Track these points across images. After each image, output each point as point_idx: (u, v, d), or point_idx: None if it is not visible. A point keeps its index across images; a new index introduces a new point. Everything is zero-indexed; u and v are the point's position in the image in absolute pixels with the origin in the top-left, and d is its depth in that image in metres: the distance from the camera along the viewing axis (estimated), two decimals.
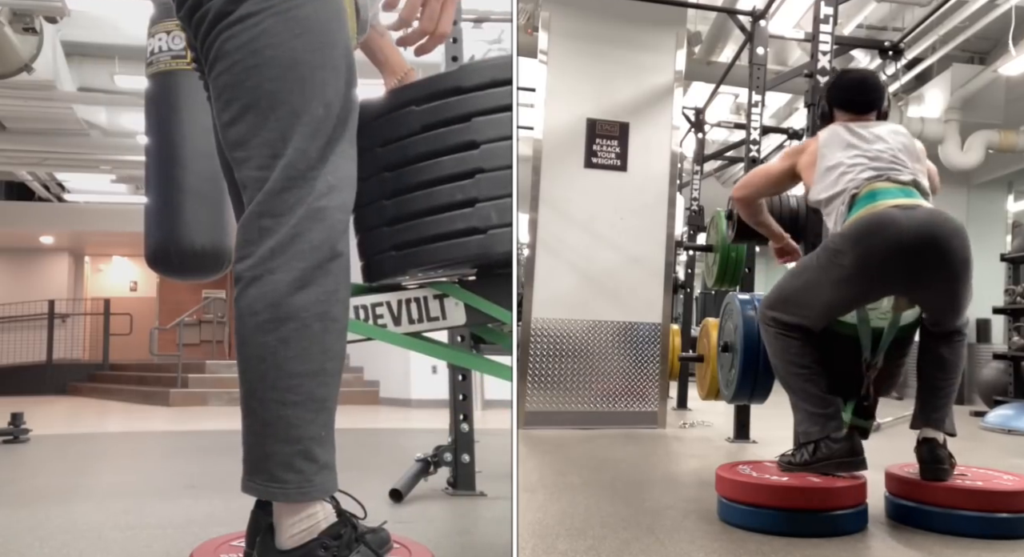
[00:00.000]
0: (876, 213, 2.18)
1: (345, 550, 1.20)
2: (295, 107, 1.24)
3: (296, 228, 1.22)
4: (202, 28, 1.28)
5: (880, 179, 2.28)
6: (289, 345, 1.21)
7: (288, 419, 1.21)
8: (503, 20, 5.50)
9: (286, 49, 1.23)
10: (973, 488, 2.11)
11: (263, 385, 1.22)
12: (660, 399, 4.62)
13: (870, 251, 2.15)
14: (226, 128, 1.28)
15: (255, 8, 1.23)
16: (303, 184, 1.23)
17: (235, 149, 1.27)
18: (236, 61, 1.24)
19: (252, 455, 1.25)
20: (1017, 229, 7.01)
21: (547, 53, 4.57)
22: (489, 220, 1.42)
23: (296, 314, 1.22)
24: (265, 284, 1.22)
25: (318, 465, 1.24)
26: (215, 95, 1.30)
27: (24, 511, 2.48)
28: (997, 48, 6.77)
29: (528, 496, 2.51)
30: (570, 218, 4.56)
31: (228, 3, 1.24)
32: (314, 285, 1.23)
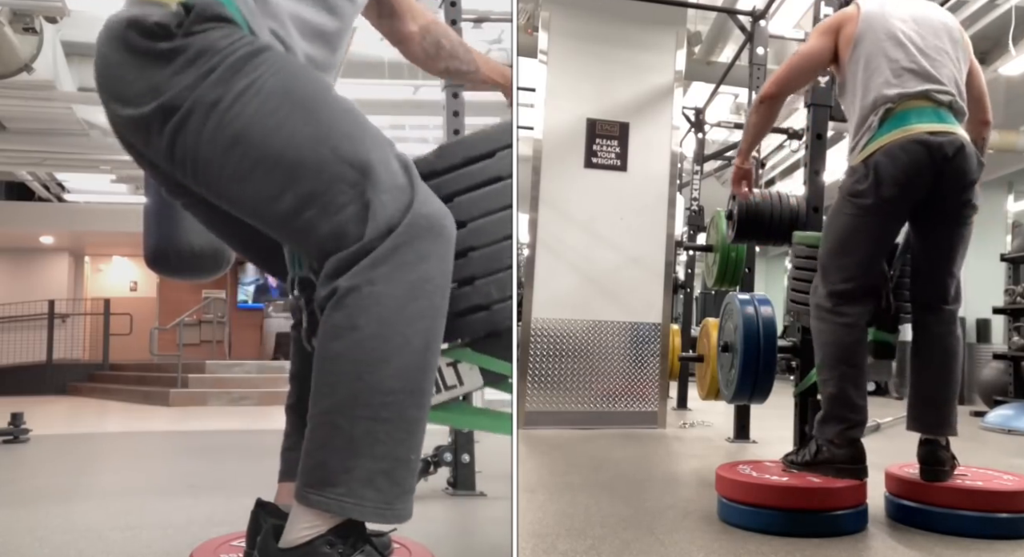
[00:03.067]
0: (903, 143, 2.12)
1: (350, 549, 1.19)
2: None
3: (403, 236, 1.19)
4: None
5: (918, 97, 2.16)
6: (390, 362, 1.16)
7: (376, 435, 1.16)
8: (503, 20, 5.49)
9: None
10: (973, 488, 2.11)
11: (355, 402, 1.16)
12: (660, 399, 4.62)
13: (893, 179, 2.12)
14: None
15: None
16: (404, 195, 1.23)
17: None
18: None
19: (326, 468, 1.17)
20: (1017, 229, 7.01)
21: (547, 53, 4.57)
22: (490, 297, 1.40)
23: (401, 330, 1.17)
24: (367, 296, 1.17)
25: (400, 489, 1.18)
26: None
27: (24, 511, 2.48)
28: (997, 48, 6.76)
29: (528, 496, 2.51)
30: (570, 218, 4.56)
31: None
32: (421, 299, 1.19)
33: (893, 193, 2.14)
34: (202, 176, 1.24)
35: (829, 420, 2.21)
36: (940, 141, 2.11)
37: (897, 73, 2.20)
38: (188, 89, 1.18)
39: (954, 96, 2.20)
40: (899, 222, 2.25)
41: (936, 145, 2.11)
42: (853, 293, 2.22)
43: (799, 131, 6.01)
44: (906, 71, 2.20)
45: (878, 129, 2.18)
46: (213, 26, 1.20)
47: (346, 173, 1.19)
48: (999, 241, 8.73)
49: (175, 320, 10.38)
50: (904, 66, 2.20)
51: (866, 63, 2.26)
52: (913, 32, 2.25)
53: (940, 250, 2.24)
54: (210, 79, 1.18)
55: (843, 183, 2.27)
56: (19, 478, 3.38)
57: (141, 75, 1.20)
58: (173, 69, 1.19)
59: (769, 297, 3.07)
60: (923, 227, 2.25)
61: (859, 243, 2.22)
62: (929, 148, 2.11)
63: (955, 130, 2.16)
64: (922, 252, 2.28)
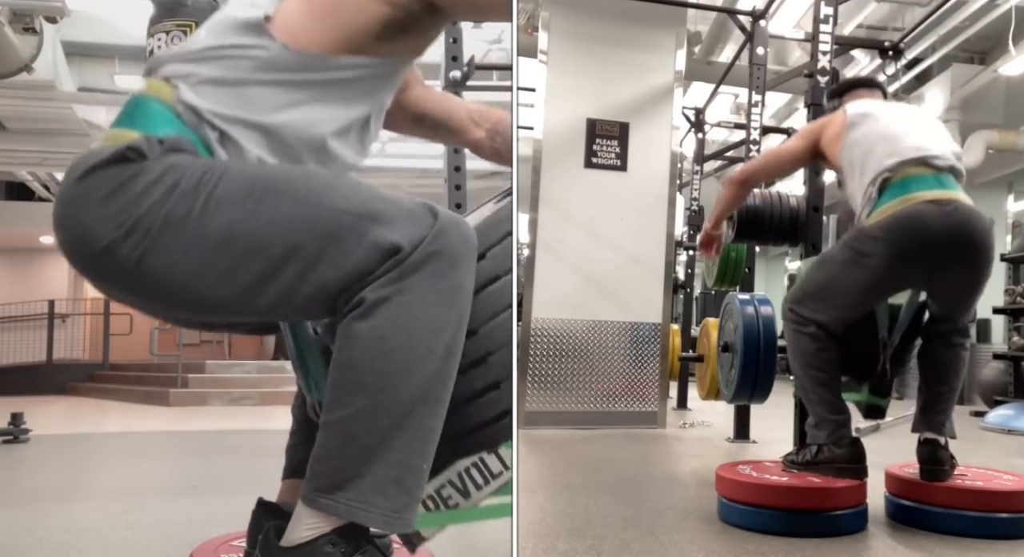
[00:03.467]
0: (907, 212, 2.10)
1: (353, 549, 1.19)
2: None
3: (433, 245, 1.17)
4: None
5: (915, 164, 2.16)
6: (413, 374, 1.15)
7: (392, 443, 1.15)
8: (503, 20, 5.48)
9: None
10: (973, 488, 2.11)
11: (375, 412, 1.15)
12: (660, 399, 4.62)
13: (899, 252, 2.11)
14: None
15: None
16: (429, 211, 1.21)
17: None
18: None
19: (338, 474, 1.16)
20: (1017, 229, 7.01)
21: (547, 53, 4.57)
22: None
23: (427, 340, 1.15)
24: (395, 306, 1.15)
25: (409, 499, 1.18)
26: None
27: (24, 511, 2.48)
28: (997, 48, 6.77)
29: (528, 496, 2.51)
30: (570, 218, 4.56)
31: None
32: (451, 308, 1.17)
33: (898, 261, 2.13)
34: (180, 293, 1.19)
35: (815, 425, 2.26)
36: (944, 212, 2.08)
37: (891, 150, 2.20)
38: (156, 207, 1.15)
39: (952, 161, 2.19)
40: (896, 288, 2.27)
41: (939, 216, 2.08)
42: (822, 325, 2.26)
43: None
44: (901, 145, 2.20)
45: (878, 199, 2.17)
46: (181, 154, 1.20)
47: (343, 220, 1.16)
48: (999, 241, 8.72)
49: None
50: (898, 143, 2.21)
51: (860, 148, 2.28)
52: (901, 120, 2.30)
53: (956, 302, 2.26)
54: (176, 193, 1.15)
55: (849, 236, 2.24)
56: (19, 478, 3.38)
57: (105, 208, 1.16)
58: (138, 192, 1.16)
59: (769, 297, 3.07)
60: (934, 285, 2.25)
61: (848, 292, 2.23)
62: (931, 217, 2.08)
63: (958, 196, 2.13)
64: (937, 302, 2.29)
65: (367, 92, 1.35)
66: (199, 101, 1.25)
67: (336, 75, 1.30)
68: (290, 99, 1.28)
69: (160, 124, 1.24)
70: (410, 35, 1.35)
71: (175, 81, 1.27)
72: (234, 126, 1.26)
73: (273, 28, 1.28)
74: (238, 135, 1.26)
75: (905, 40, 4.42)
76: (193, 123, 1.25)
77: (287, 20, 1.28)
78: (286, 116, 1.28)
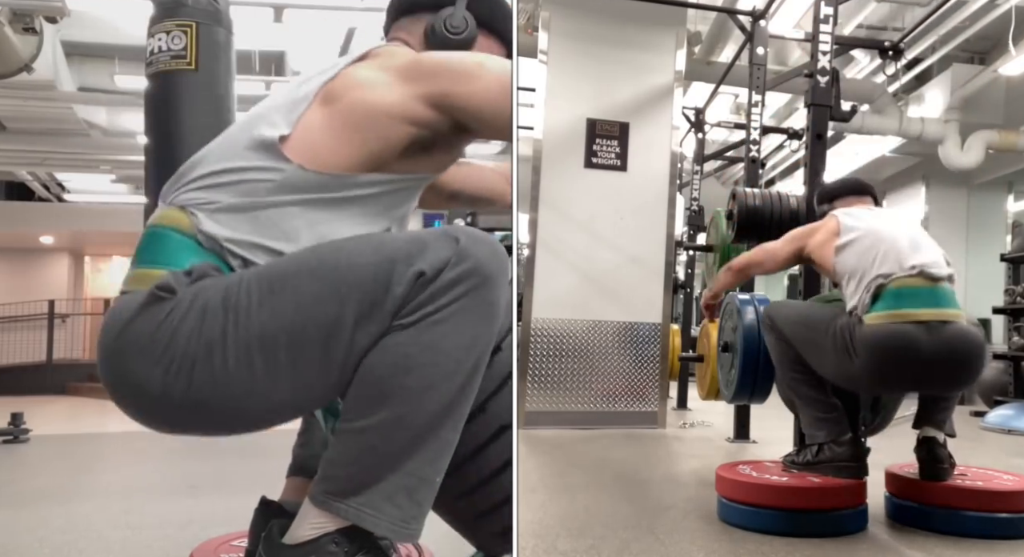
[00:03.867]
0: (896, 332, 2.06)
1: (356, 549, 1.19)
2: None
3: (460, 264, 1.14)
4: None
5: (913, 273, 2.11)
6: (438, 389, 1.14)
7: (409, 452, 1.14)
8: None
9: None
10: (973, 488, 2.11)
11: (396, 425, 1.14)
12: (660, 399, 4.62)
13: (885, 369, 2.09)
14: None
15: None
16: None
17: None
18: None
19: (352, 480, 1.15)
20: (1017, 229, 7.01)
21: (547, 53, 4.57)
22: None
23: (457, 356, 1.14)
24: (426, 326, 1.13)
25: (419, 509, 1.17)
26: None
27: (24, 511, 2.48)
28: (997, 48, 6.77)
29: (528, 496, 2.51)
30: (570, 218, 4.56)
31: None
32: (483, 324, 1.16)
33: (880, 376, 2.13)
34: (238, 412, 1.19)
35: (810, 425, 2.28)
36: (937, 336, 2.05)
37: (886, 259, 2.16)
38: (193, 336, 1.15)
39: (948, 271, 2.16)
40: (878, 390, 2.33)
41: (930, 342, 2.04)
42: (806, 369, 2.30)
43: (799, 131, 6.01)
44: (896, 254, 2.17)
45: (871, 306, 2.13)
46: (207, 278, 1.19)
47: (365, 272, 1.14)
48: (999, 241, 8.73)
49: None
50: (893, 253, 2.17)
51: (850, 248, 2.25)
52: (893, 229, 2.27)
53: (947, 399, 2.27)
54: (208, 314, 1.15)
55: (847, 326, 2.17)
56: (19, 478, 3.38)
57: (151, 351, 1.16)
58: (175, 327, 1.15)
59: (769, 297, 3.07)
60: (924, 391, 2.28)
61: (828, 369, 2.25)
62: (920, 342, 2.04)
63: (953, 315, 2.09)
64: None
65: (389, 206, 1.33)
66: (218, 230, 1.24)
67: (358, 192, 1.28)
68: (308, 219, 1.26)
69: (184, 256, 1.23)
70: (436, 153, 1.33)
71: (192, 209, 1.25)
72: (254, 252, 1.24)
73: (289, 147, 1.25)
74: (259, 260, 1.24)
75: (905, 40, 4.42)
76: (215, 249, 1.24)
77: (308, 139, 1.26)
78: (306, 237, 1.25)
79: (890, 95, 7.84)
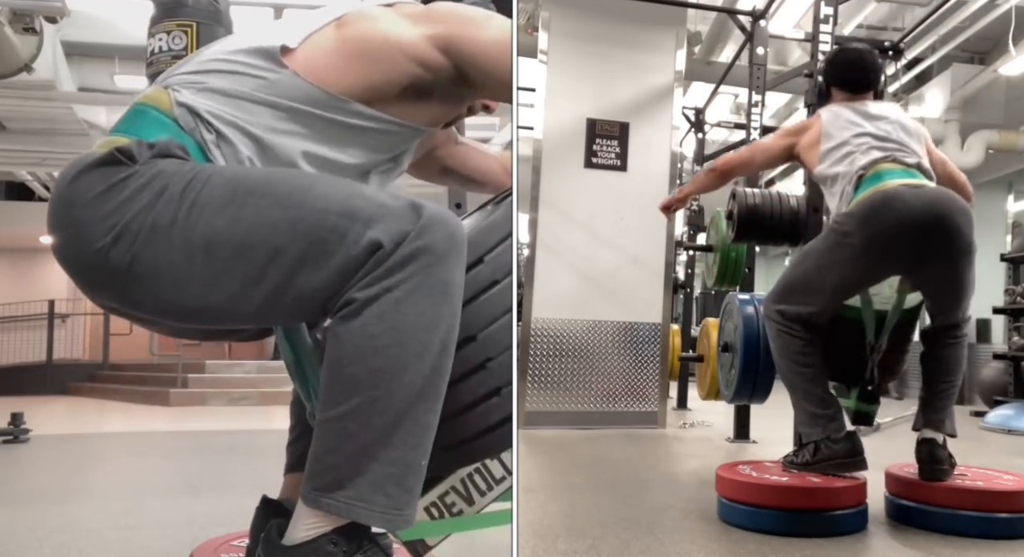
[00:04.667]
0: (883, 191, 2.20)
1: (355, 548, 1.19)
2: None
3: (419, 240, 1.16)
4: None
5: (887, 160, 2.29)
6: (407, 371, 1.14)
7: (390, 440, 1.15)
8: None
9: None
10: (973, 488, 2.11)
11: (371, 410, 1.14)
12: (660, 399, 4.62)
13: (878, 227, 2.16)
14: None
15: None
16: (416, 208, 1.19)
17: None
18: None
19: (336, 472, 1.15)
20: (1017, 229, 7.01)
21: (547, 53, 4.57)
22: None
23: (419, 336, 1.14)
24: (384, 304, 1.14)
25: (410, 495, 1.18)
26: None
27: (24, 511, 2.48)
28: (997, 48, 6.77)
29: (528, 496, 2.51)
30: (570, 218, 4.56)
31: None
32: (443, 303, 1.16)
33: (876, 244, 2.17)
34: (171, 302, 1.19)
35: (805, 422, 2.27)
36: (917, 192, 2.19)
37: (863, 151, 2.33)
38: (143, 212, 1.15)
39: (920, 159, 2.33)
40: (880, 271, 2.28)
41: (913, 195, 2.17)
42: (806, 321, 2.29)
43: None
44: (871, 147, 2.33)
45: (854, 194, 2.28)
46: (170, 159, 1.20)
47: (324, 220, 1.15)
48: (999, 241, 8.73)
49: None
50: (869, 145, 2.33)
51: (833, 154, 2.39)
52: (871, 126, 2.38)
53: (944, 290, 2.27)
54: (163, 198, 1.16)
55: (829, 222, 2.35)
56: (19, 478, 3.38)
57: (96, 211, 1.17)
58: (127, 196, 1.16)
59: None
60: (922, 275, 2.28)
61: (834, 277, 2.27)
62: (906, 196, 2.17)
63: (927, 183, 2.26)
64: (928, 295, 2.31)
65: (374, 149, 1.35)
66: (197, 101, 1.25)
67: (347, 120, 1.30)
68: (291, 127, 1.28)
69: (154, 130, 1.24)
70: (432, 103, 1.35)
71: (177, 87, 1.27)
72: (231, 128, 1.26)
73: (290, 58, 1.27)
74: (234, 138, 1.26)
75: (905, 40, 4.42)
76: (189, 126, 1.25)
77: (311, 55, 1.28)
78: (281, 140, 1.27)
79: (890, 95, 7.82)
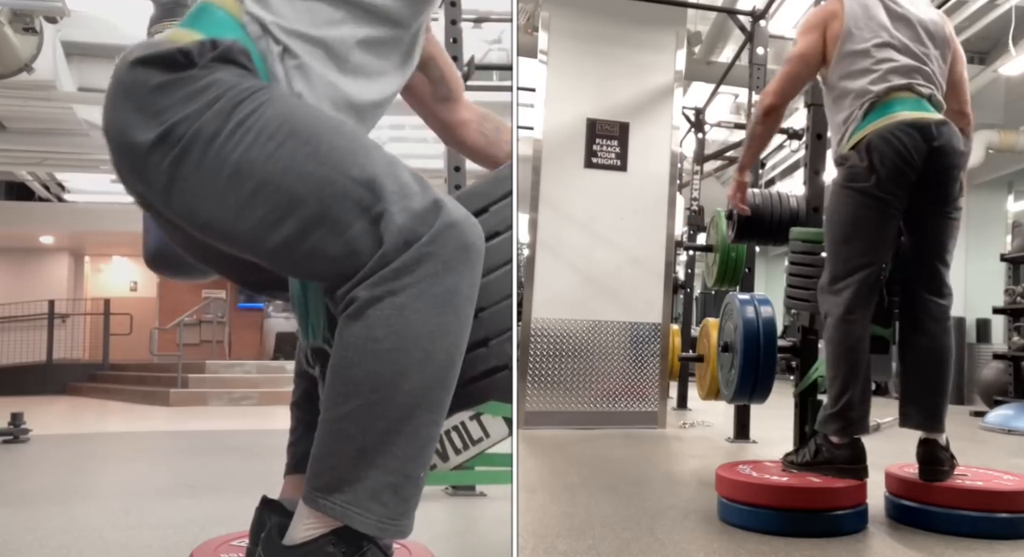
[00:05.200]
0: (888, 127, 2.18)
1: (355, 550, 1.19)
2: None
3: (430, 246, 1.14)
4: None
5: (902, 89, 2.24)
6: (408, 378, 1.13)
7: (390, 448, 1.14)
8: (503, 20, 5.50)
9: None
10: (973, 488, 2.11)
11: (370, 414, 1.14)
12: (660, 399, 4.62)
13: (883, 162, 2.15)
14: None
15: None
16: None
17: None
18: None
19: (334, 474, 1.15)
20: (1017, 229, 7.01)
21: (547, 53, 4.57)
22: (506, 355, 1.37)
23: (423, 345, 1.13)
24: (388, 307, 1.12)
25: (406, 506, 1.17)
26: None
27: (24, 511, 2.48)
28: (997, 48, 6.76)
29: (528, 496, 2.51)
30: (570, 218, 4.56)
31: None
32: (448, 313, 1.15)
33: (888, 174, 2.17)
34: (199, 215, 1.20)
35: (832, 419, 2.21)
36: (925, 124, 2.18)
37: (881, 72, 2.26)
38: (190, 119, 1.16)
39: (934, 90, 2.28)
40: (897, 206, 2.23)
41: (923, 127, 2.17)
42: (857, 284, 2.20)
43: (799, 131, 6.01)
44: (889, 70, 2.26)
45: (863, 119, 2.24)
46: (230, 67, 1.20)
47: (350, 190, 1.16)
48: (999, 241, 8.73)
49: (175, 320, 10.37)
50: (888, 66, 2.26)
51: (851, 62, 2.30)
52: (896, 31, 2.30)
53: (932, 239, 2.26)
54: (212, 110, 1.16)
55: (837, 175, 2.30)
56: (19, 478, 3.38)
57: (148, 104, 1.18)
58: (179, 97, 1.17)
59: (769, 297, 3.07)
60: (914, 217, 2.26)
61: (860, 229, 2.23)
62: (917, 130, 2.17)
63: (937, 116, 2.23)
64: (913, 243, 2.29)
65: (396, 23, 1.36)
66: (265, 13, 1.26)
67: None
68: (342, 16, 1.30)
69: (222, 29, 1.25)
70: None
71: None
72: (296, 40, 1.27)
73: None
74: (299, 50, 1.27)
75: None
76: (256, 34, 1.26)
77: None
78: (340, 32, 1.29)
79: None
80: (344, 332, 1.15)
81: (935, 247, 2.25)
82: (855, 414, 2.18)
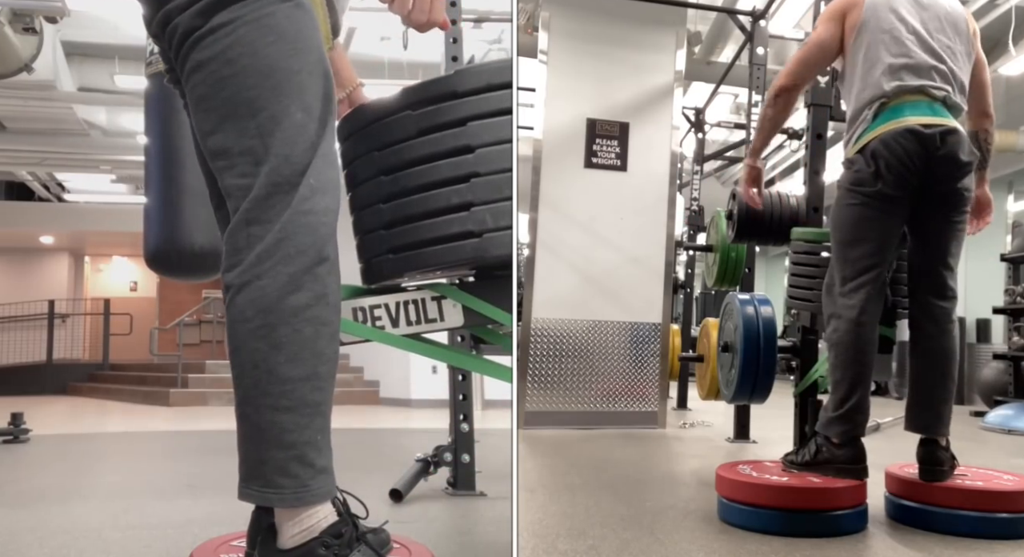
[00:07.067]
0: (895, 131, 2.16)
1: (346, 549, 1.20)
2: (274, 113, 1.23)
3: (282, 233, 1.23)
4: (174, 42, 1.28)
5: (914, 92, 2.20)
6: (281, 350, 1.22)
7: (282, 424, 1.22)
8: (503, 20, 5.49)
9: (261, 56, 1.23)
10: (973, 488, 2.11)
11: (256, 391, 1.23)
12: (660, 399, 4.62)
13: (888, 160, 2.15)
14: (206, 138, 1.28)
15: (226, 19, 1.23)
16: (287, 189, 1.24)
17: (217, 158, 1.28)
18: (211, 72, 1.24)
19: (247, 461, 1.25)
20: (1017, 229, 7.01)
21: (547, 53, 4.57)
22: (484, 224, 1.43)
23: (286, 319, 1.22)
24: (254, 290, 1.22)
25: (314, 470, 1.23)
26: (193, 106, 1.30)
27: (24, 511, 2.48)
28: (997, 48, 6.76)
29: (528, 496, 2.51)
30: (570, 218, 4.56)
31: (197, 17, 1.24)
32: (303, 289, 1.23)
33: (892, 179, 2.16)
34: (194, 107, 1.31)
35: (835, 420, 2.20)
36: (932, 132, 2.15)
37: (895, 69, 2.23)
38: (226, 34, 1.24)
39: (948, 92, 2.23)
40: (902, 210, 2.22)
41: (928, 135, 2.15)
42: (867, 286, 2.20)
43: (799, 131, 6.01)
44: (904, 67, 2.23)
45: (872, 121, 2.22)
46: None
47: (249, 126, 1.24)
48: (999, 241, 8.72)
49: (175, 320, 10.38)
50: (903, 63, 2.23)
51: (866, 55, 2.28)
52: (917, 24, 2.26)
53: (935, 244, 2.25)
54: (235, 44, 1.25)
55: (842, 177, 2.29)
56: (19, 478, 3.38)
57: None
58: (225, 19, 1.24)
59: (769, 297, 3.07)
60: (918, 221, 2.26)
61: (867, 232, 2.22)
62: (922, 137, 2.15)
63: (947, 122, 2.19)
64: (917, 248, 2.29)
65: None
66: None
67: None
68: None
69: None
70: None
71: None
72: None
73: None
74: None
75: None
76: None
77: None
78: None
79: None
80: (227, 318, 1.28)
81: (939, 251, 2.25)
82: (862, 417, 2.18)
